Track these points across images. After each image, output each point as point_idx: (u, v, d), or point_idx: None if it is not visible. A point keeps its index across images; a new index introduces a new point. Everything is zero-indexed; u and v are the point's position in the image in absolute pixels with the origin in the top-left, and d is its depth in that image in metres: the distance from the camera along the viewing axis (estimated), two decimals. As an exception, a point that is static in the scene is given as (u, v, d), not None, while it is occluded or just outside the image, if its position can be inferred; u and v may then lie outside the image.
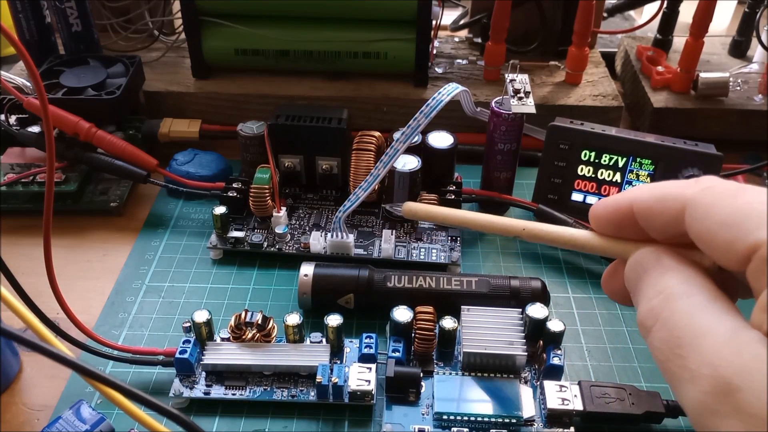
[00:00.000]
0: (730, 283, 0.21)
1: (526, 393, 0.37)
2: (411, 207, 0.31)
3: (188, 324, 0.39)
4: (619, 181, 0.48)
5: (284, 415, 0.37)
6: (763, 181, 0.54)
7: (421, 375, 0.38)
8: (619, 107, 0.58)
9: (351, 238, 0.46)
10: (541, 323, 0.39)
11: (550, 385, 0.37)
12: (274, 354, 0.38)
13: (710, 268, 0.21)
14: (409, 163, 0.47)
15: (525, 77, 0.49)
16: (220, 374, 0.38)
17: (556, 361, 0.38)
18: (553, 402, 0.36)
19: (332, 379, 0.37)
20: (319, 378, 0.36)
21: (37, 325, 0.25)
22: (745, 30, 0.66)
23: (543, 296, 0.42)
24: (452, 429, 0.36)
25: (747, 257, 0.18)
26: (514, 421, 0.36)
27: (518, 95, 0.47)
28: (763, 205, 0.19)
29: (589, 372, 0.40)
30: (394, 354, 0.38)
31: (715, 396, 0.17)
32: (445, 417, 0.36)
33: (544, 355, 0.38)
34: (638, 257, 0.23)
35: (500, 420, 0.36)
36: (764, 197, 0.19)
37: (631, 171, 0.47)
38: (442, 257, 0.46)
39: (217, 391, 0.37)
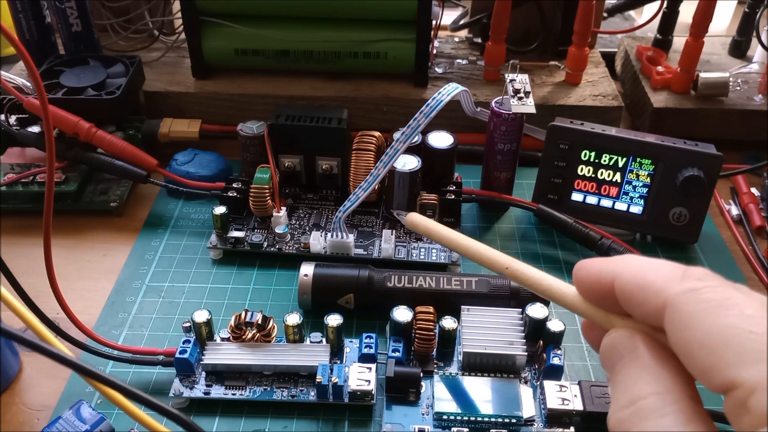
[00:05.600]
0: None
1: (526, 393, 0.37)
2: (413, 219, 0.31)
3: (188, 324, 0.39)
4: (619, 181, 0.48)
5: (284, 415, 0.37)
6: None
7: (421, 375, 0.38)
8: (619, 107, 0.58)
9: (351, 238, 0.46)
10: (541, 323, 0.39)
11: (550, 385, 0.37)
12: (274, 354, 0.38)
13: None
14: (409, 163, 0.47)
15: (525, 77, 0.49)
16: (220, 374, 0.38)
17: (556, 361, 0.38)
18: (553, 402, 0.36)
19: (332, 379, 0.37)
20: (319, 378, 0.36)
21: (37, 325, 0.25)
22: (745, 30, 0.66)
23: (543, 296, 0.42)
24: (452, 429, 0.36)
25: (723, 390, 0.16)
26: (514, 421, 0.36)
27: (518, 95, 0.47)
28: (749, 334, 0.16)
29: (589, 372, 0.40)
30: (394, 354, 0.38)
31: None
32: (445, 417, 0.36)
33: (544, 355, 0.38)
34: (613, 341, 0.20)
35: (500, 420, 0.36)
36: (752, 321, 0.16)
37: (631, 171, 0.47)
38: (442, 257, 0.46)
39: (217, 391, 0.37)
